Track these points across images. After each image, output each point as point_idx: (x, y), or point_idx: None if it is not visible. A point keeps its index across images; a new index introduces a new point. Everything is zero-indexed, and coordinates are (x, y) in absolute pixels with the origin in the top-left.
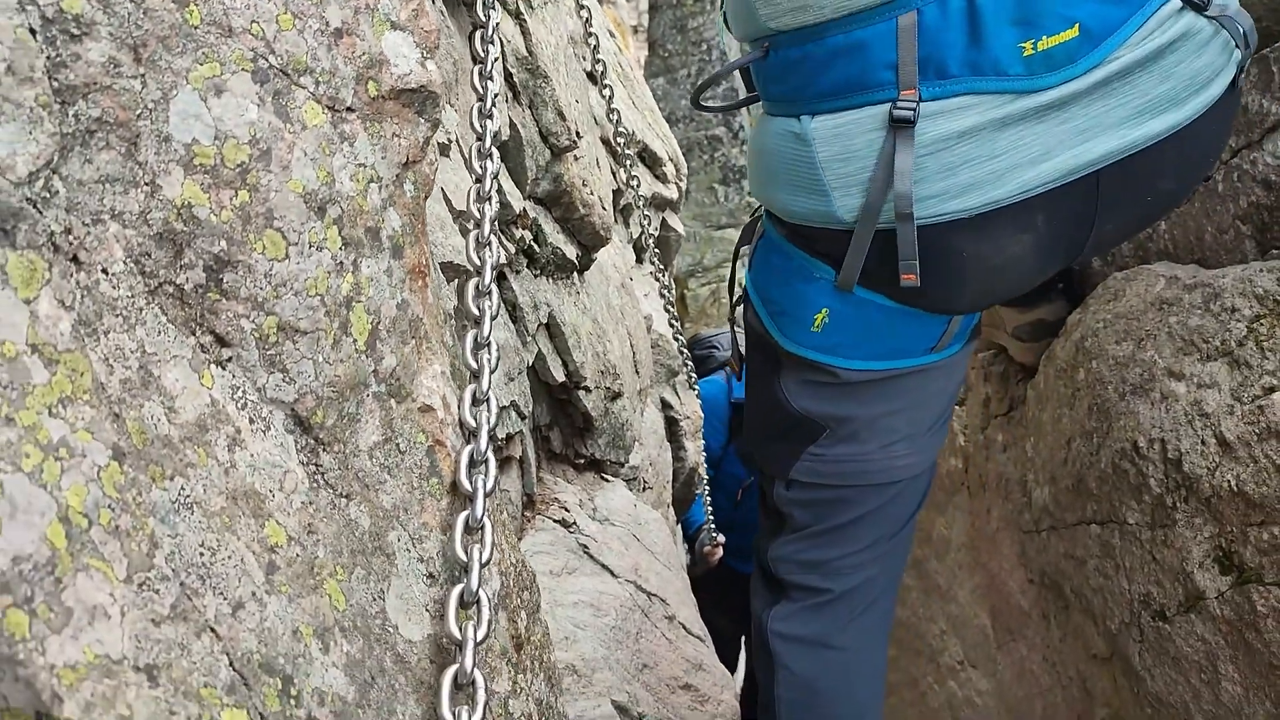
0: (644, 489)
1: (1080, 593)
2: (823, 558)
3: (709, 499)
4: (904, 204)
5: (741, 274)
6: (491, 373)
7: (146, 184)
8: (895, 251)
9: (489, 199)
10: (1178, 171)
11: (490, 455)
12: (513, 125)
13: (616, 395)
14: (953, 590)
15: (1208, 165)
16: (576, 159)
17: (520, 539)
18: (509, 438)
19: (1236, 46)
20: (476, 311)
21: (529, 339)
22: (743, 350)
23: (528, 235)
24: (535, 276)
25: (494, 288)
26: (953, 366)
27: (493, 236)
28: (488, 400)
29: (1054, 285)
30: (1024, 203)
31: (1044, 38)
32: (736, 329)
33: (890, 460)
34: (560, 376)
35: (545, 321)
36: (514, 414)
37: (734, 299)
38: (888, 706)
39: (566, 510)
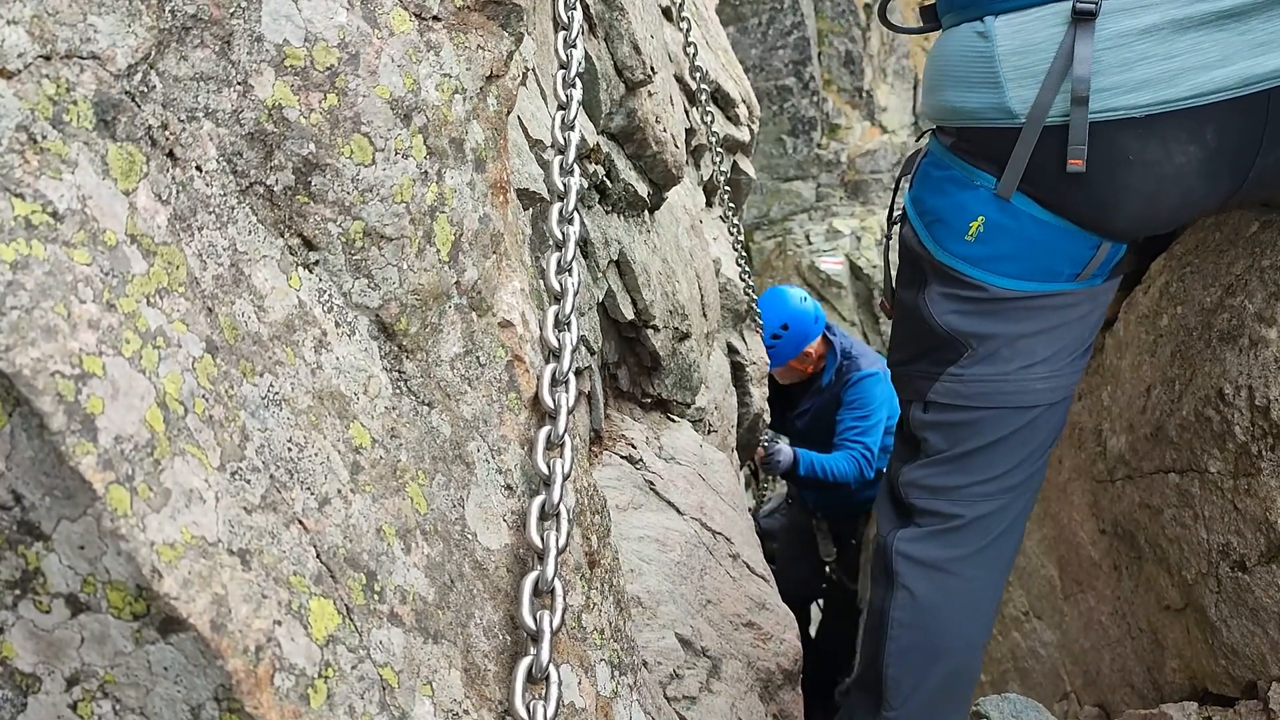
0: (709, 431)
1: (1155, 543)
2: (955, 483)
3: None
4: (1080, 88)
5: (901, 200)
6: (574, 295)
7: (239, 83)
8: (1059, 150)
9: (573, 126)
10: None
11: (571, 375)
12: (587, 57)
13: (684, 336)
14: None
15: None
16: (650, 95)
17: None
18: (579, 372)
19: None
20: (560, 235)
21: (599, 275)
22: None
23: (600, 170)
24: (607, 213)
25: (577, 214)
26: (1095, 296)
27: (576, 164)
28: (570, 322)
29: None
30: (1194, 110)
31: None
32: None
33: (1029, 383)
34: (629, 314)
35: (615, 259)
36: (584, 349)
37: (890, 223)
38: None
39: (633, 447)
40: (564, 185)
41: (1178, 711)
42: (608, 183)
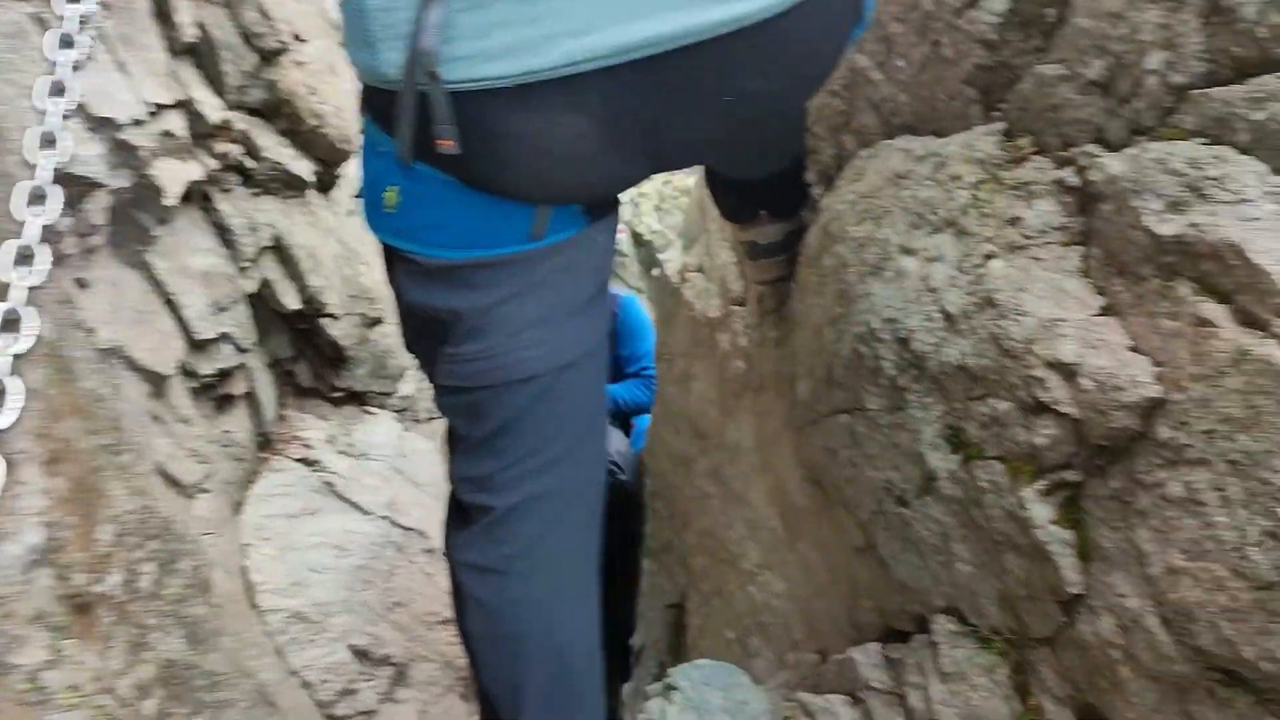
0: (425, 419)
1: (836, 485)
2: (483, 472)
3: None
4: (429, 61)
5: None
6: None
7: None
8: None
9: None
10: (764, 70)
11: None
12: (202, 27)
13: (375, 322)
14: (748, 494)
15: (813, 67)
16: (299, 64)
17: (254, 482)
18: (225, 374)
19: None
20: None
21: (248, 264)
22: None
23: (235, 150)
24: (254, 195)
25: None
26: (578, 245)
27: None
28: None
29: (757, 209)
30: (571, 79)
31: None
32: None
33: (520, 351)
34: (295, 304)
35: (270, 245)
36: (230, 347)
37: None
38: (700, 618)
39: (309, 448)
40: None
41: (861, 654)
42: (248, 162)
